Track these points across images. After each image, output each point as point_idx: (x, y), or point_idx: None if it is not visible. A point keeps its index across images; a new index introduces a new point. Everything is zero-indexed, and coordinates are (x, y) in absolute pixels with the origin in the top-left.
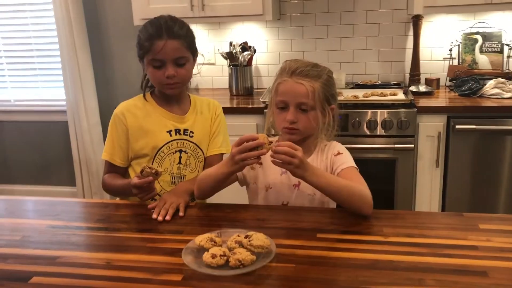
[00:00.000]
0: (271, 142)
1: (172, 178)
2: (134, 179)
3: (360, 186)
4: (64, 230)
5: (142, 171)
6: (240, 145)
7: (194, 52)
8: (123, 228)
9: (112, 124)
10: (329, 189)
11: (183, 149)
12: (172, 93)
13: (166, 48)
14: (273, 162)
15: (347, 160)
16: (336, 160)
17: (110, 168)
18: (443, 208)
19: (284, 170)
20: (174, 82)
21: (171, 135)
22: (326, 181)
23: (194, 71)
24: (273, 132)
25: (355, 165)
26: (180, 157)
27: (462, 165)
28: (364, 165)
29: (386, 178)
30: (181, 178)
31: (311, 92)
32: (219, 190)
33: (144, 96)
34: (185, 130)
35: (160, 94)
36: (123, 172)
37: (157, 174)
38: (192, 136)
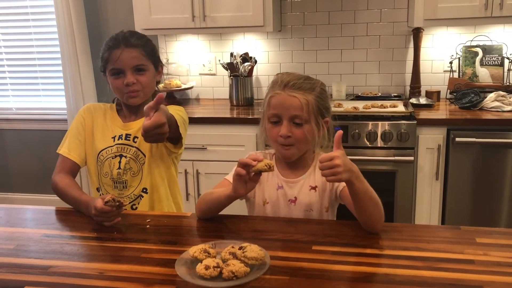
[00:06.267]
0: (271, 166)
1: (114, 183)
2: (98, 201)
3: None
4: (58, 239)
5: (107, 202)
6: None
7: (155, 61)
8: (117, 238)
9: (74, 120)
10: (365, 196)
11: (123, 154)
12: (134, 102)
13: (123, 56)
14: (326, 179)
15: None
16: None
17: (64, 164)
18: (443, 221)
19: (280, 185)
20: (134, 90)
21: (114, 141)
22: (364, 187)
23: (191, 83)
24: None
25: None
26: (119, 162)
27: (462, 178)
28: (364, 177)
29: (385, 190)
30: (122, 183)
31: (305, 104)
32: (218, 212)
33: (113, 102)
34: (127, 135)
35: (124, 106)
36: (76, 170)
37: (119, 207)
38: (135, 142)
